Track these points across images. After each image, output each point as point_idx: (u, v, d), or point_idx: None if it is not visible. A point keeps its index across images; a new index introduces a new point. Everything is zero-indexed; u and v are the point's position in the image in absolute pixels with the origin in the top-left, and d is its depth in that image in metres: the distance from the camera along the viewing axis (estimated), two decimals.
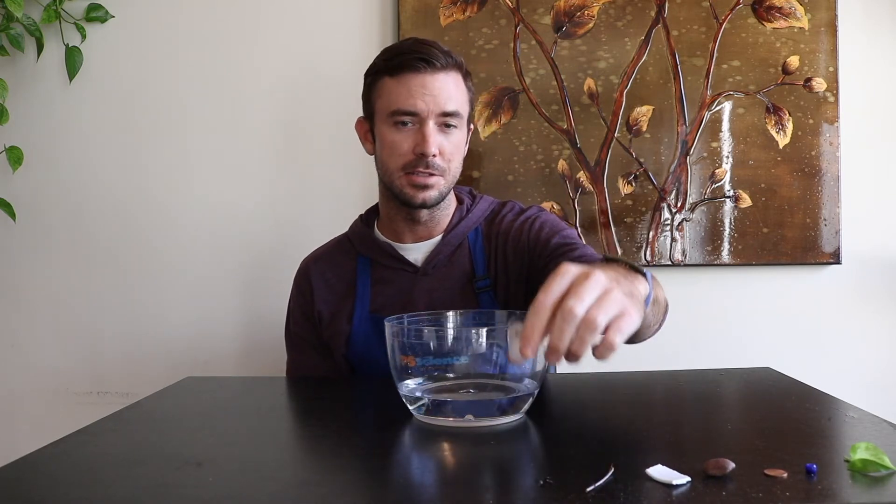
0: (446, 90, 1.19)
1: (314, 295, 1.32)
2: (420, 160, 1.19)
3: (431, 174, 1.20)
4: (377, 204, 1.35)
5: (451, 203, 1.30)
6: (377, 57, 1.24)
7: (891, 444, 0.79)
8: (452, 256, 1.27)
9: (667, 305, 1.05)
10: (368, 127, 1.27)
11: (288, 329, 1.37)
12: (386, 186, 1.25)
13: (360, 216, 1.37)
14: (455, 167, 1.23)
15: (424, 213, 1.25)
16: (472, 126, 1.30)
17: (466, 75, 1.25)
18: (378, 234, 1.32)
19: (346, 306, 1.29)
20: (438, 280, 1.26)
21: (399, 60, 1.19)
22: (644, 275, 0.87)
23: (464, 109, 1.22)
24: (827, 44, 1.73)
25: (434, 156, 1.18)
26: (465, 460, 0.83)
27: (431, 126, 1.18)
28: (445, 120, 1.19)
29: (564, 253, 1.18)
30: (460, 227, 1.28)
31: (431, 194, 1.21)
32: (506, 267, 1.26)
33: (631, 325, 0.70)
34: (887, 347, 1.79)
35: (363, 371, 1.28)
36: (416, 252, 1.28)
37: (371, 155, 1.29)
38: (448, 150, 1.21)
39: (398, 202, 1.24)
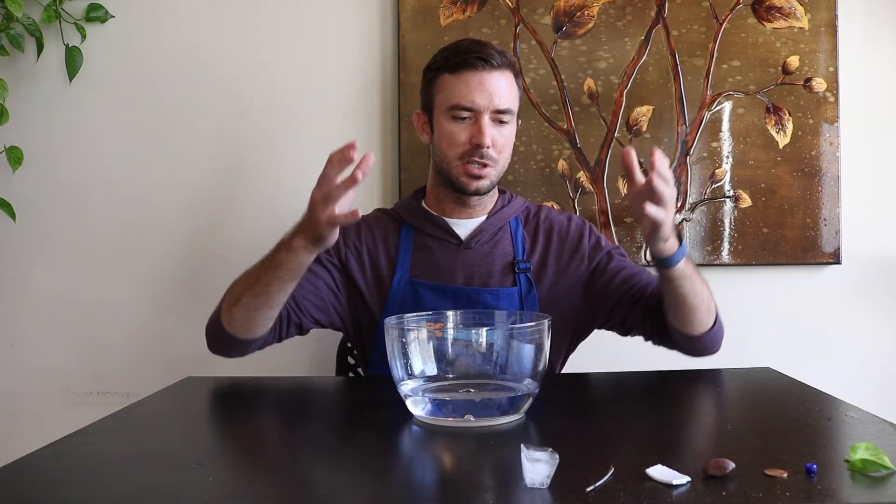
0: (500, 88, 1.30)
1: (353, 242, 1.37)
2: (475, 150, 1.30)
3: (485, 165, 1.31)
4: (423, 187, 1.44)
5: (495, 190, 1.40)
6: (437, 54, 1.35)
7: (891, 444, 0.79)
8: (495, 237, 1.37)
9: (710, 306, 1.22)
10: (426, 119, 1.37)
11: None
12: (441, 172, 1.35)
13: (409, 196, 1.47)
14: (505, 158, 1.35)
15: (474, 199, 1.36)
16: (520, 120, 1.40)
17: (518, 74, 1.35)
18: (426, 207, 1.40)
19: (387, 270, 1.35)
20: (479, 255, 1.35)
21: (459, 59, 1.30)
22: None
23: (515, 106, 1.34)
24: (827, 44, 1.73)
25: (488, 147, 1.29)
26: (465, 460, 0.83)
27: (487, 120, 1.29)
28: (499, 116, 1.30)
29: (635, 273, 1.35)
30: (504, 211, 1.39)
31: (484, 183, 1.32)
32: (547, 256, 1.36)
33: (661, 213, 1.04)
34: (887, 347, 1.78)
35: (382, 348, 1.28)
36: (461, 227, 1.37)
37: (427, 144, 1.39)
38: (500, 142, 1.32)
39: (451, 187, 1.34)
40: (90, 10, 1.72)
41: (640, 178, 1.05)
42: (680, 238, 1.12)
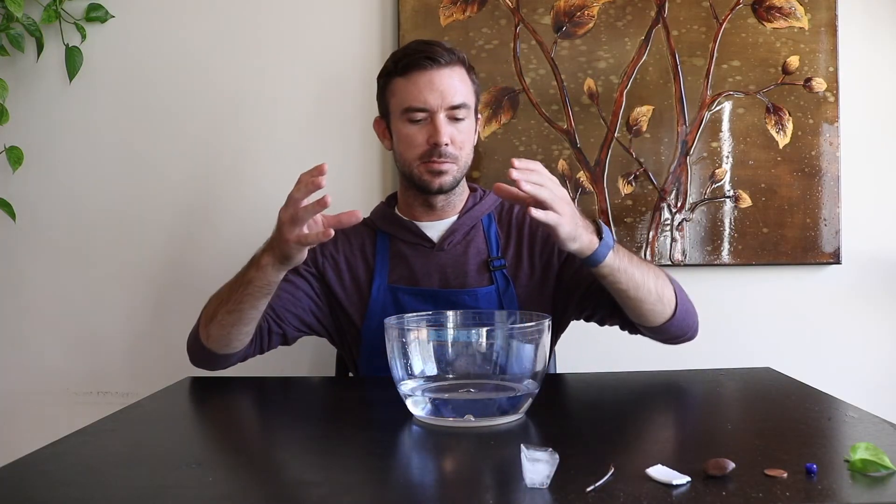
0: (452, 84, 1.29)
1: (330, 252, 1.37)
2: (434, 150, 1.28)
3: (445, 161, 1.29)
4: (396, 193, 1.44)
5: (464, 189, 1.40)
6: (387, 60, 1.35)
7: (891, 444, 0.79)
8: (467, 236, 1.36)
9: (661, 294, 1.20)
10: (385, 125, 1.37)
11: None
12: (405, 176, 1.35)
13: (383, 201, 1.47)
14: (466, 154, 1.33)
15: (441, 199, 1.35)
16: (479, 116, 1.39)
17: (470, 69, 1.34)
18: (398, 213, 1.40)
19: (365, 278, 1.35)
20: (454, 256, 1.34)
21: (406, 61, 1.29)
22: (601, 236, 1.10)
23: (470, 100, 1.32)
24: (827, 44, 1.73)
25: (446, 144, 1.28)
26: (465, 460, 0.83)
27: (441, 118, 1.28)
28: (454, 112, 1.29)
29: None
30: (475, 210, 1.38)
31: (446, 179, 1.31)
32: (521, 251, 1.35)
33: (550, 216, 1.02)
34: (887, 347, 1.78)
35: (374, 345, 1.29)
36: (433, 230, 1.36)
37: (389, 150, 1.39)
38: (459, 138, 1.30)
39: (416, 190, 1.34)
40: (90, 10, 1.72)
41: (519, 193, 1.02)
42: (599, 234, 1.10)
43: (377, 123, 1.39)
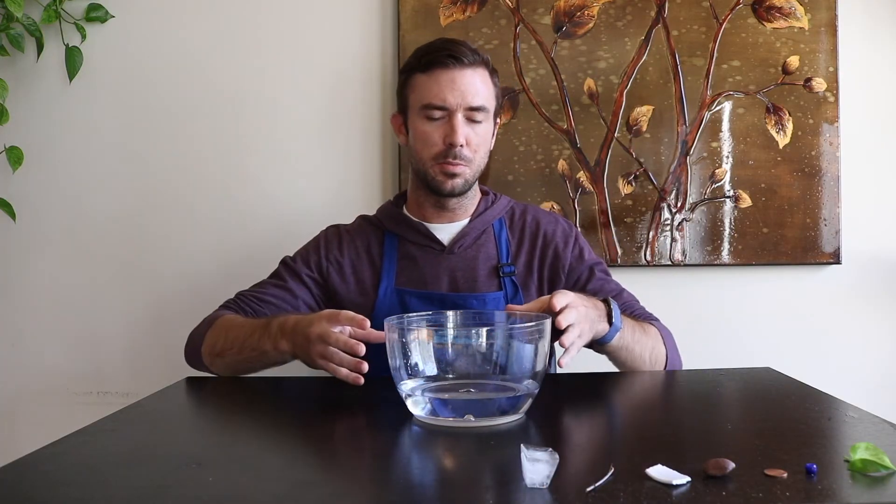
0: (473, 85, 1.28)
1: (335, 256, 1.38)
2: (449, 150, 1.28)
3: (459, 164, 1.29)
4: (405, 191, 1.44)
5: (476, 192, 1.39)
6: (411, 56, 1.35)
7: (891, 444, 0.79)
8: (478, 240, 1.36)
9: (655, 351, 1.26)
10: (402, 120, 1.37)
11: (285, 261, 1.41)
12: (418, 174, 1.35)
13: (389, 200, 1.46)
14: (481, 157, 1.33)
15: (453, 201, 1.35)
16: (498, 120, 1.39)
17: (493, 72, 1.34)
18: (408, 214, 1.39)
19: (371, 281, 1.34)
20: (463, 260, 1.34)
21: (430, 58, 1.29)
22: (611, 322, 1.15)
23: (490, 104, 1.31)
24: (827, 44, 1.73)
25: (462, 146, 1.28)
26: (465, 460, 0.83)
27: (459, 118, 1.27)
28: (472, 114, 1.28)
29: (603, 290, 1.33)
30: (487, 213, 1.38)
31: (458, 182, 1.31)
32: (532, 260, 1.36)
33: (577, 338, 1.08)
34: (887, 347, 1.78)
35: (378, 346, 1.27)
36: (443, 232, 1.36)
37: (405, 146, 1.39)
38: (475, 141, 1.30)
39: (428, 189, 1.33)
40: (90, 10, 1.72)
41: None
42: (610, 320, 1.14)
43: (394, 118, 1.39)
